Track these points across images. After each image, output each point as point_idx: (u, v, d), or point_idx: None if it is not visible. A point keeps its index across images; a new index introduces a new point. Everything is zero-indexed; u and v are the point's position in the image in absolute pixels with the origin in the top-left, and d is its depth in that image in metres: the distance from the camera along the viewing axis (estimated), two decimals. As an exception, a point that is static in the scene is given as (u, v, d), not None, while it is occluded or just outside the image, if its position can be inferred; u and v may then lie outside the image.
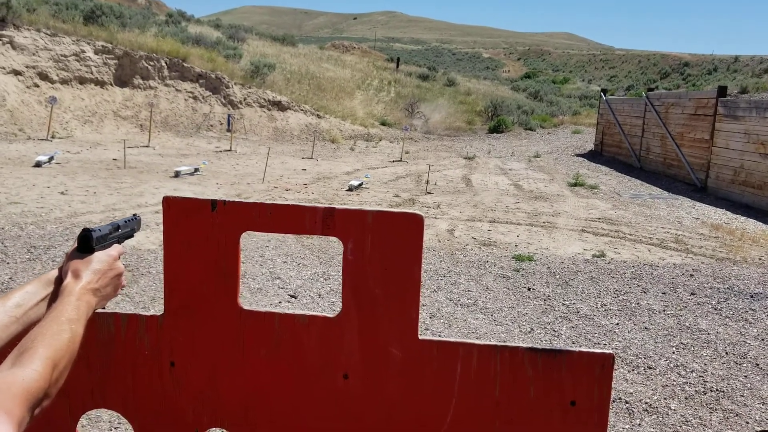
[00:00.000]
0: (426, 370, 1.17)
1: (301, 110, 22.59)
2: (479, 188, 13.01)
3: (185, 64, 21.02)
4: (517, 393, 1.17)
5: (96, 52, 19.38)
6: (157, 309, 5.12)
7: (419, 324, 1.16)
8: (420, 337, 1.18)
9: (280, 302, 5.59)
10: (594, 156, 20.72)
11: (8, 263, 5.89)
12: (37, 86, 17.68)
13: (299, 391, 1.19)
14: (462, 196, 11.80)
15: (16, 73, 17.39)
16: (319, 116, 22.78)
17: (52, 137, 15.77)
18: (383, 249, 1.16)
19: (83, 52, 19.07)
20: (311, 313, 1.21)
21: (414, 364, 1.17)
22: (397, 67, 42.25)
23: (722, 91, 13.95)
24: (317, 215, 1.17)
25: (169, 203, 1.20)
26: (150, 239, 7.16)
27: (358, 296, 1.18)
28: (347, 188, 11.79)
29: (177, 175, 11.87)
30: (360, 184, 12.05)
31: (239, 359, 1.19)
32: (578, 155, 20.90)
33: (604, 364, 1.16)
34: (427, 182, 12.73)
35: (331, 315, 1.18)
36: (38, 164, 11.68)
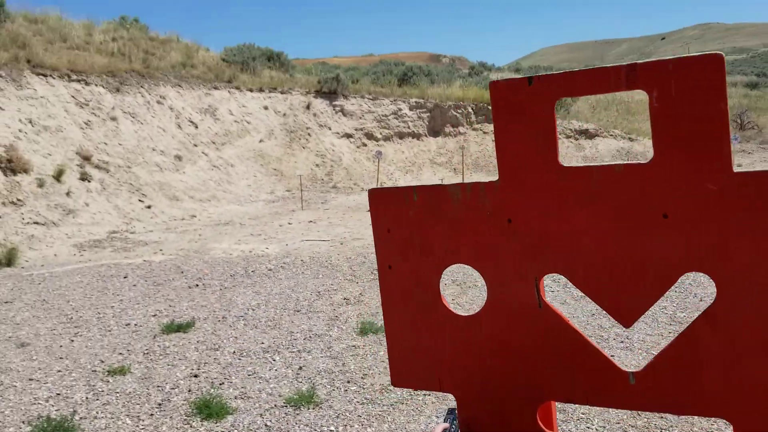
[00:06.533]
0: (742, 201, 1.18)
1: (611, 135, 21.73)
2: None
3: (489, 107, 21.79)
4: None
5: (410, 108, 21.23)
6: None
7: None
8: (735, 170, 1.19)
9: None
10: None
11: (357, 282, 7.52)
12: (365, 145, 19.94)
13: (619, 234, 1.27)
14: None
15: (348, 136, 19.87)
16: (631, 139, 21.66)
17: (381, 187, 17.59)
18: (687, 92, 1.19)
19: (400, 110, 21.04)
20: (627, 162, 1.27)
21: (730, 196, 1.19)
22: (717, 77, 38.40)
23: None
24: (621, 73, 1.23)
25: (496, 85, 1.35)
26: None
27: (668, 139, 1.22)
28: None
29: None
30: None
31: (563, 213, 1.31)
32: None
33: None
34: None
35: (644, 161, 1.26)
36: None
